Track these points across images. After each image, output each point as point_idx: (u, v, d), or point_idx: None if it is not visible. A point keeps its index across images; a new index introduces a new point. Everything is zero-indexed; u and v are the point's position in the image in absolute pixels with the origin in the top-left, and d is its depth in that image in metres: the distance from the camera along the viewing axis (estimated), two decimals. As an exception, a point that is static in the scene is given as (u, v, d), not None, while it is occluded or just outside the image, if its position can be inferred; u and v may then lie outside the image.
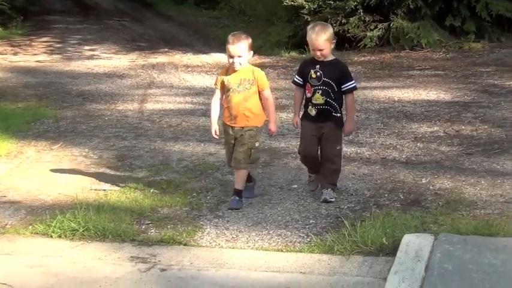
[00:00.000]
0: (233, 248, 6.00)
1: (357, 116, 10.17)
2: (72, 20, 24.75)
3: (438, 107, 10.60)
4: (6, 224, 6.63)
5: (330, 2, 15.75)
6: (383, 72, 13.84)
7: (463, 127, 9.45)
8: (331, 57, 7.00)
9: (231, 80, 6.94)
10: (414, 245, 5.50)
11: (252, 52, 7.01)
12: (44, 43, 19.71)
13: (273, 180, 7.69)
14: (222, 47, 17.63)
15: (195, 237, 6.22)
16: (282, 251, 5.92)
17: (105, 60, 16.55)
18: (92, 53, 17.77)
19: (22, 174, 8.20)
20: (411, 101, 11.18)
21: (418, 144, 8.79)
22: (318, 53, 6.90)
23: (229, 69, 7.02)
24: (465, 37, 15.65)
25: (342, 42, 15.74)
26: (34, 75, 14.84)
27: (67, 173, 8.13)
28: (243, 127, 6.92)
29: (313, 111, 6.93)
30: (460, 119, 9.89)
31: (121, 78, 14.11)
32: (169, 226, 6.44)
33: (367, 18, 15.60)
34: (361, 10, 15.49)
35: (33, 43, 19.70)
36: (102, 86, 13.40)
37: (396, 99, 11.34)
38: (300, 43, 16.31)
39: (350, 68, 13.90)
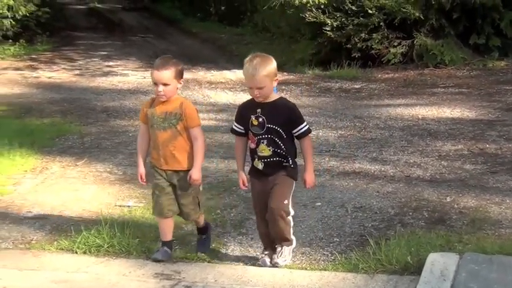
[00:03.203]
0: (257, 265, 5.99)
1: (380, 133, 10.22)
2: (97, 36, 24.96)
3: (462, 125, 10.58)
4: (31, 240, 6.66)
5: (353, 18, 15.77)
6: (407, 89, 13.83)
7: (487, 145, 9.41)
8: (274, 97, 5.80)
9: (155, 112, 5.95)
10: (439, 264, 5.47)
11: (182, 81, 5.99)
12: (68, 59, 19.88)
13: (296, 197, 7.61)
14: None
15: (219, 255, 6.23)
16: (306, 269, 5.91)
17: (129, 76, 16.63)
18: (116, 69, 17.87)
19: (47, 189, 8.25)
20: (435, 118, 11.15)
21: (443, 162, 8.76)
22: (256, 92, 5.67)
23: (155, 100, 6.03)
24: (489, 55, 15.62)
25: (365, 59, 15.78)
26: (59, 91, 14.94)
27: (92, 189, 8.17)
28: (177, 171, 5.96)
29: (259, 165, 5.81)
30: (484, 137, 9.86)
31: (145, 95, 14.14)
32: (193, 243, 6.43)
33: (390, 35, 15.62)
34: (385, 27, 15.52)
35: (58, 59, 19.87)
36: (127, 102, 13.46)
37: (420, 116, 11.31)
38: (324, 60, 16.42)
39: (373, 85, 14.23)
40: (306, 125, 5.80)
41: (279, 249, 5.89)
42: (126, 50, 21.11)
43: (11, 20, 20.74)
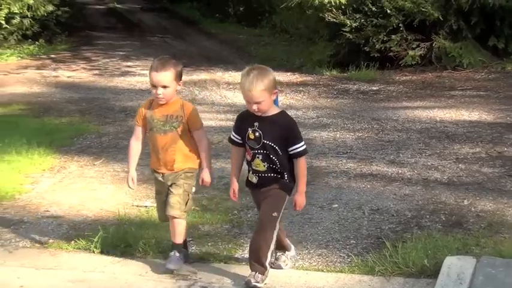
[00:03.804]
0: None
1: (398, 136, 10.19)
2: (116, 36, 25.01)
3: (480, 128, 10.54)
4: (49, 239, 6.69)
5: (372, 19, 15.75)
6: (425, 92, 13.79)
7: (505, 149, 9.37)
8: (274, 111, 5.52)
9: (154, 116, 5.79)
10: (456, 267, 5.46)
11: (181, 83, 5.86)
12: (87, 59, 19.93)
13: (313, 199, 7.67)
14: (263, 65, 17.75)
15: (236, 255, 6.23)
16: (322, 270, 5.91)
17: (147, 76, 16.59)
18: (134, 69, 17.90)
19: (65, 189, 8.29)
20: (453, 121, 11.12)
21: (460, 165, 8.73)
22: (255, 107, 5.40)
23: (153, 103, 5.88)
24: (508, 58, 15.55)
25: (384, 61, 15.75)
26: (77, 90, 15.00)
27: (109, 189, 8.20)
28: (176, 171, 5.82)
29: (254, 179, 5.60)
30: (502, 140, 9.81)
31: (163, 95, 14.18)
32: (210, 243, 6.45)
33: (409, 37, 15.58)
34: (403, 28, 15.49)
35: (76, 59, 19.94)
36: (144, 102, 13.46)
37: (438, 119, 11.28)
38: (342, 62, 16.40)
39: (391, 88, 14.20)
40: (302, 145, 5.49)
41: (252, 273, 5.54)
42: (145, 51, 21.13)
43: (31, 20, 20.87)
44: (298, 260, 6.10)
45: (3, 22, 20.14)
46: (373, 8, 15.75)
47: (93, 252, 6.31)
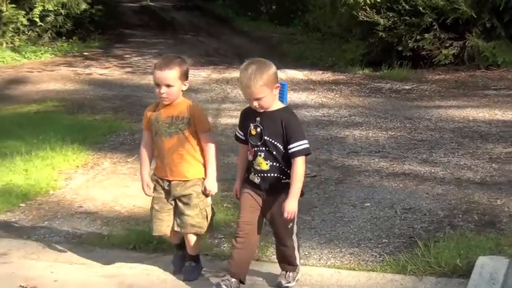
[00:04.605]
0: (305, 265, 5.94)
1: (430, 135, 10.14)
2: (149, 34, 25.13)
3: (514, 128, 10.49)
4: (82, 234, 6.76)
5: (405, 17, 15.69)
6: (458, 91, 13.72)
7: (539, 148, 9.33)
8: (276, 106, 5.21)
9: (159, 117, 5.49)
10: (489, 267, 5.43)
11: (187, 83, 5.54)
12: (120, 56, 20.06)
13: (345, 197, 7.67)
14: (296, 64, 17.77)
15: (267, 253, 6.21)
16: (354, 269, 5.90)
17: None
18: (167, 67, 17.95)
19: (98, 185, 8.35)
20: (486, 121, 11.05)
21: (493, 164, 8.68)
22: (255, 103, 5.12)
23: (158, 105, 5.57)
24: (542, 57, 15.43)
25: (416, 60, 15.68)
26: (110, 88, 15.10)
27: (142, 186, 8.24)
28: (184, 181, 5.48)
29: (256, 179, 5.25)
30: (536, 140, 9.76)
31: (195, 93, 14.21)
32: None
33: (442, 36, 15.50)
34: (437, 27, 15.40)
35: (109, 56, 20.07)
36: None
37: (471, 118, 11.22)
38: (375, 61, 16.35)
39: (424, 86, 14.16)
40: (303, 144, 5.11)
41: (283, 272, 5.53)
42: (178, 48, 21.20)
43: (64, 17, 21.06)
44: (330, 259, 6.11)
45: (37, 20, 20.33)
46: (407, 7, 15.69)
47: (126, 248, 6.35)
